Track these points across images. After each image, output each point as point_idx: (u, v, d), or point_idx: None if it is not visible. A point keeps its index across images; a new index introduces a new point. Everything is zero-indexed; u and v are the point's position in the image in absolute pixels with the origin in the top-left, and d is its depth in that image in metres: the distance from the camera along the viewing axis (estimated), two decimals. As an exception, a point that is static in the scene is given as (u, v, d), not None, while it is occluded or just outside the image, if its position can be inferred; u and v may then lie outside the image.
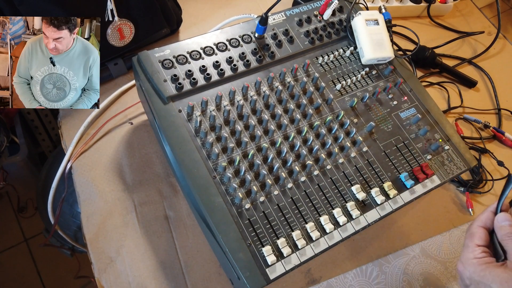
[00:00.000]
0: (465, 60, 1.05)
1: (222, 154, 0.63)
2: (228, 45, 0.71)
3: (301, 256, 0.59)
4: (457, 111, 0.96)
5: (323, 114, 0.71)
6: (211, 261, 0.71)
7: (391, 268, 0.75)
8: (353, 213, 0.63)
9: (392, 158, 0.70)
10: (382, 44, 0.75)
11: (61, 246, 1.14)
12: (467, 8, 1.17)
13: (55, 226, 0.82)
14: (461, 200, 0.83)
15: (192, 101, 0.65)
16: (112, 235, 0.72)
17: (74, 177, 0.77)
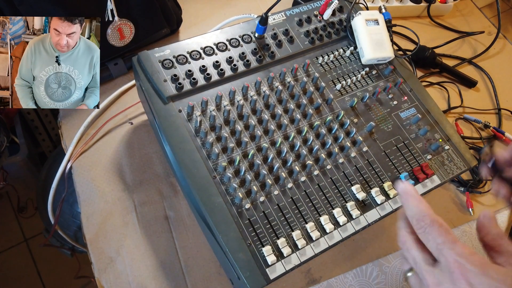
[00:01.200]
0: (465, 60, 1.05)
1: (222, 154, 0.63)
2: (228, 45, 0.71)
3: (301, 256, 0.59)
4: (457, 111, 0.96)
5: (323, 114, 0.71)
6: (211, 261, 0.71)
7: (391, 268, 0.75)
8: (353, 213, 0.63)
9: (392, 158, 0.70)
10: (382, 44, 0.75)
11: (61, 246, 1.14)
12: (467, 8, 1.17)
13: (55, 226, 0.82)
14: (461, 200, 0.83)
15: (192, 101, 0.65)
16: (112, 235, 0.72)
17: (74, 177, 0.77)
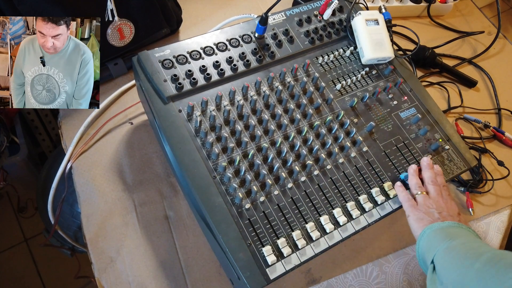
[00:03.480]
0: (465, 60, 1.05)
1: (222, 154, 0.63)
2: (228, 45, 0.71)
3: (301, 256, 0.59)
4: (457, 111, 0.96)
5: (323, 114, 0.71)
6: (211, 261, 0.71)
7: (391, 268, 0.75)
8: (353, 213, 0.63)
9: (392, 158, 0.70)
10: (382, 44, 0.75)
11: (61, 246, 1.14)
12: (467, 8, 1.17)
13: (55, 226, 0.82)
14: (461, 200, 0.83)
15: (192, 101, 0.65)
16: (112, 235, 0.72)
17: (74, 177, 0.77)
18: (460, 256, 0.52)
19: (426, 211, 0.61)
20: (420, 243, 0.59)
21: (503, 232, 0.82)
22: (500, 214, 0.83)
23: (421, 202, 0.63)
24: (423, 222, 0.60)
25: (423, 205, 0.63)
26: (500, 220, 0.83)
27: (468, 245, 0.53)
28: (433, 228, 0.58)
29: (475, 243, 0.54)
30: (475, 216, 0.82)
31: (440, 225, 0.59)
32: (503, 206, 0.84)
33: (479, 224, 0.82)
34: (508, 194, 0.85)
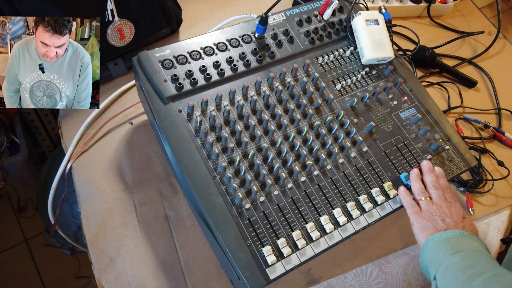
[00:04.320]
0: (465, 60, 1.05)
1: (222, 154, 0.63)
2: (228, 45, 0.71)
3: (301, 256, 0.59)
4: (457, 111, 0.96)
5: (323, 114, 0.71)
6: (211, 261, 0.71)
7: (391, 268, 0.75)
8: (353, 213, 0.63)
9: (392, 158, 0.70)
10: (382, 44, 0.75)
11: (61, 246, 1.14)
12: (467, 8, 1.17)
13: (55, 226, 0.82)
14: (461, 200, 0.83)
15: (192, 101, 0.65)
16: (112, 235, 0.72)
17: (74, 177, 0.77)
18: (460, 274, 0.53)
19: (430, 218, 0.62)
20: (423, 255, 0.60)
21: (503, 232, 0.82)
22: (500, 214, 0.83)
23: (424, 209, 0.64)
24: (427, 231, 0.61)
25: (427, 211, 0.63)
26: (500, 220, 0.83)
27: (468, 262, 0.54)
28: (435, 239, 0.59)
29: (475, 257, 0.55)
30: (475, 216, 0.82)
31: (442, 235, 0.59)
32: (503, 206, 0.84)
33: (479, 224, 0.82)
34: (508, 194, 0.85)
